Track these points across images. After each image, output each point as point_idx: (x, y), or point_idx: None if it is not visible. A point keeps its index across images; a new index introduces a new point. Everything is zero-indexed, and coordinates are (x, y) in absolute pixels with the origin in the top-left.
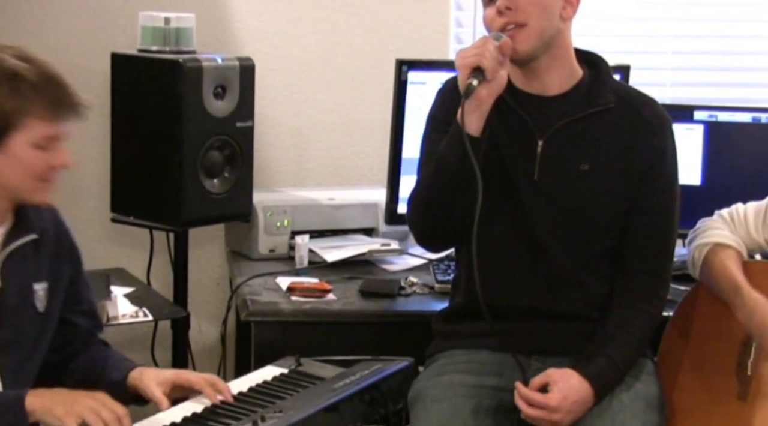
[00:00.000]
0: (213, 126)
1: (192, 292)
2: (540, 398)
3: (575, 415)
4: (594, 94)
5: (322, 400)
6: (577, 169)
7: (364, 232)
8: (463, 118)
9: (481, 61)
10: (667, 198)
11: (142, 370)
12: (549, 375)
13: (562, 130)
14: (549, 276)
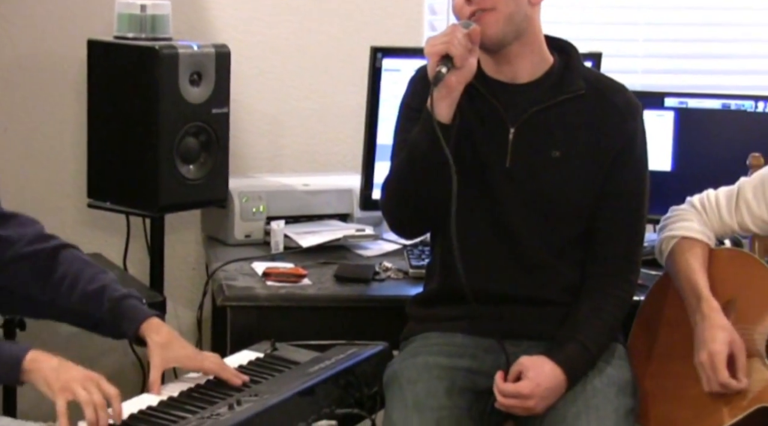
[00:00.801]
0: (189, 112)
1: (168, 277)
2: (512, 388)
3: (549, 402)
4: (565, 81)
5: (298, 384)
6: (549, 156)
7: (339, 217)
8: (432, 106)
9: (450, 48)
10: (637, 183)
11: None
12: (521, 363)
13: (534, 118)
14: (521, 261)
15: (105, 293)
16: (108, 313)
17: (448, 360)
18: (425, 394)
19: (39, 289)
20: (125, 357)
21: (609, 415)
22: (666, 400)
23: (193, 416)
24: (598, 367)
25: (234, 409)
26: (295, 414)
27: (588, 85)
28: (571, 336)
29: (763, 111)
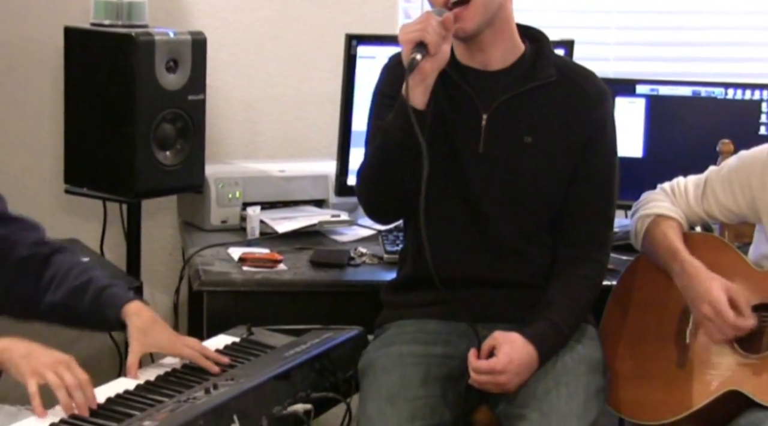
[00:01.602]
0: (165, 99)
1: (145, 262)
2: (486, 364)
3: (521, 378)
4: (536, 69)
5: (273, 368)
6: (521, 142)
7: (314, 203)
8: (407, 92)
9: (424, 35)
10: (606, 168)
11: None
12: (495, 337)
13: (506, 104)
14: (493, 246)
15: (90, 284)
16: (91, 302)
17: (423, 348)
18: (399, 384)
19: (32, 290)
20: (102, 342)
21: (579, 391)
22: (637, 382)
23: (170, 400)
24: (569, 345)
25: (210, 393)
26: (271, 398)
27: (559, 73)
28: (542, 315)
29: (732, 98)
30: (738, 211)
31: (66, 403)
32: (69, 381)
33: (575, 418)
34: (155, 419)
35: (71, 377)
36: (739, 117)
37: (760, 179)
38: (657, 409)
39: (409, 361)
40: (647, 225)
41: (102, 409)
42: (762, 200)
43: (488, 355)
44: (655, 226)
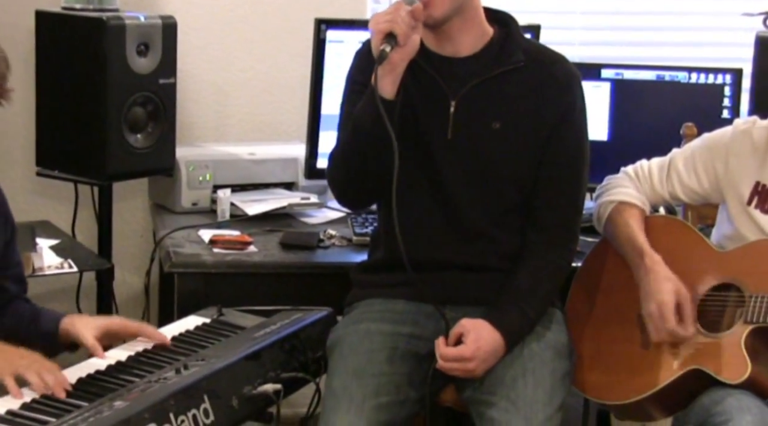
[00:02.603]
0: (136, 83)
1: (116, 244)
2: (454, 351)
3: (488, 364)
4: (504, 54)
5: (244, 349)
6: (489, 128)
7: (284, 186)
8: (376, 83)
9: (394, 26)
10: (576, 153)
11: (74, 317)
12: (462, 325)
13: (474, 90)
14: (462, 231)
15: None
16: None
17: (390, 326)
18: (366, 360)
19: None
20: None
21: (546, 377)
22: (602, 363)
23: (141, 380)
24: (536, 331)
25: (181, 373)
26: (241, 378)
27: (527, 57)
28: (510, 301)
29: (696, 82)
30: (702, 192)
31: (38, 383)
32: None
33: (542, 404)
34: (126, 399)
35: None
36: (702, 101)
37: (724, 159)
38: (621, 389)
39: (377, 339)
40: (609, 211)
41: (74, 389)
42: (725, 180)
43: (456, 341)
44: (617, 213)
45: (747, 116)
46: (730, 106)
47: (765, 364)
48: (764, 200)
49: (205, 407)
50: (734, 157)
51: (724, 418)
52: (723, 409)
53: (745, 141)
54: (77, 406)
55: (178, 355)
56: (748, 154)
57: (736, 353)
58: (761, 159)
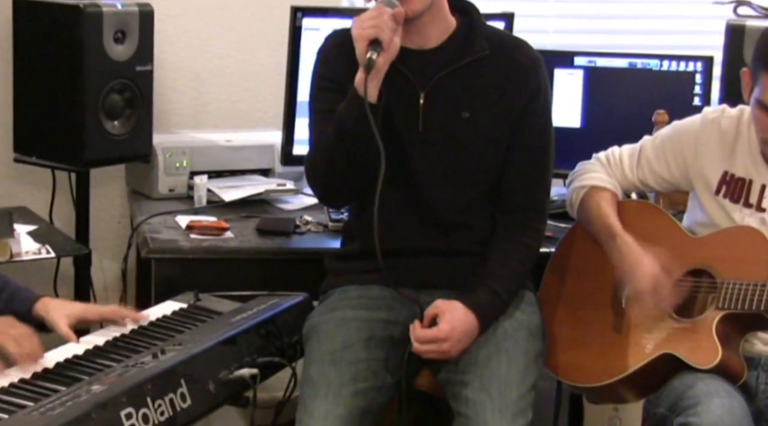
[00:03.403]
0: (113, 70)
1: (93, 230)
2: (429, 333)
3: (462, 345)
4: (469, 43)
5: (220, 334)
6: (459, 118)
7: (260, 172)
8: (366, 91)
9: (379, 33)
10: (542, 136)
11: (48, 302)
12: (437, 306)
13: (442, 82)
14: (436, 219)
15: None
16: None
17: (366, 312)
18: (342, 347)
19: None
20: None
21: (519, 357)
22: (574, 346)
23: (118, 364)
24: (509, 312)
25: (158, 358)
26: (218, 362)
27: (491, 44)
28: (482, 283)
29: (667, 70)
30: (671, 180)
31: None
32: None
33: (515, 383)
34: (104, 383)
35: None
36: (674, 88)
37: (693, 148)
38: (594, 372)
39: (353, 325)
40: (582, 196)
41: (51, 373)
42: (694, 169)
43: (430, 323)
44: (590, 197)
45: (717, 103)
46: (701, 93)
47: (735, 349)
48: (732, 190)
49: (182, 391)
50: (703, 147)
51: (693, 401)
52: (693, 393)
53: (714, 130)
54: (55, 390)
55: (156, 340)
56: (716, 144)
57: (708, 339)
58: (729, 149)
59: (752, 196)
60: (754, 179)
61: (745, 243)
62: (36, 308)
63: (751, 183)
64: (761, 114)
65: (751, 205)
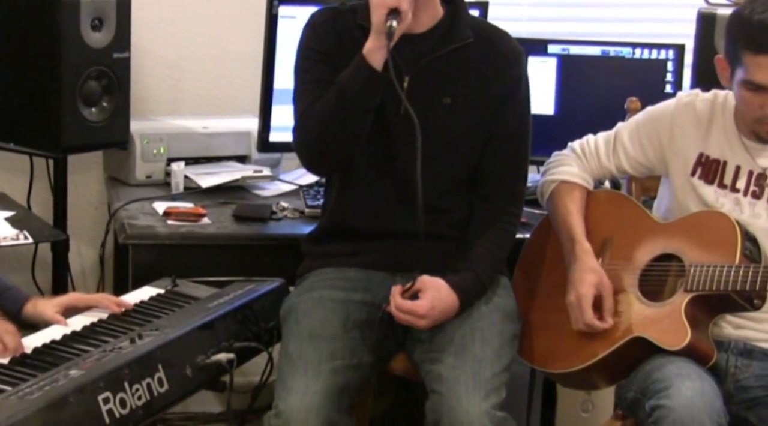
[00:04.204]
0: (91, 57)
1: (71, 216)
2: (410, 305)
3: (438, 322)
4: (454, 31)
5: (197, 319)
6: (441, 103)
7: (237, 159)
8: (389, 57)
9: (401, 2)
10: (521, 125)
11: (37, 300)
12: (422, 281)
13: (427, 66)
14: (411, 202)
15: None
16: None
17: (343, 293)
18: (320, 326)
19: None
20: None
21: (493, 337)
22: (547, 333)
23: (96, 349)
24: (486, 295)
25: (135, 343)
26: (195, 347)
27: (475, 34)
28: (466, 266)
29: (640, 57)
30: (647, 164)
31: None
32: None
33: (489, 362)
34: (82, 368)
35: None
36: (646, 76)
37: (669, 131)
38: (566, 358)
39: (330, 306)
40: (552, 190)
41: (29, 358)
42: (670, 151)
43: (412, 296)
44: (558, 194)
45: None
46: (672, 80)
47: (705, 332)
48: (707, 171)
49: (159, 376)
50: (678, 129)
51: (664, 384)
52: (664, 376)
53: (689, 113)
54: (33, 375)
55: (133, 325)
56: (692, 126)
57: (677, 321)
58: (704, 130)
59: (726, 177)
60: (729, 160)
61: (712, 227)
62: (26, 308)
63: (726, 164)
64: (749, 94)
65: (725, 186)
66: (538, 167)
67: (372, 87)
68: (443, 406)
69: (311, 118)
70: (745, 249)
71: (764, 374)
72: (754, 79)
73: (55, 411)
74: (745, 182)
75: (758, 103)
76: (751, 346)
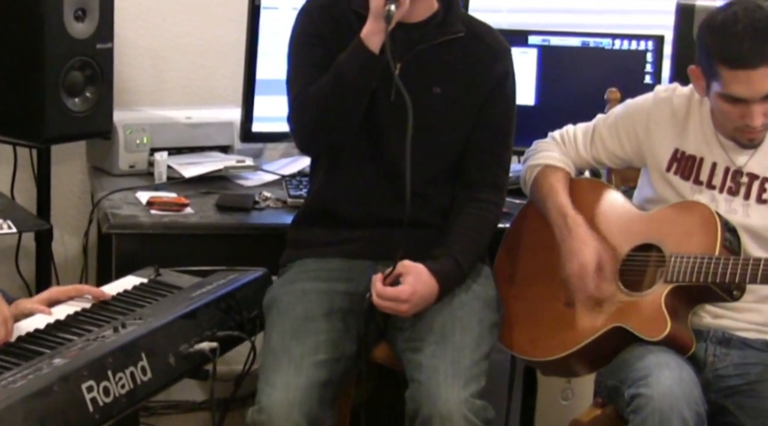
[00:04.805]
0: (74, 47)
1: (55, 205)
2: (391, 292)
3: (419, 309)
4: (447, 23)
5: (180, 308)
6: (430, 92)
7: (220, 149)
8: (387, 43)
9: None
10: (506, 118)
11: (17, 301)
12: (404, 265)
13: (419, 55)
14: (398, 189)
15: None
16: None
17: (325, 284)
18: (303, 319)
19: None
20: (12, 281)
21: (473, 325)
22: (528, 321)
23: (80, 338)
24: (466, 283)
25: (119, 332)
26: (178, 336)
27: (466, 28)
28: (446, 253)
29: (619, 48)
30: (624, 157)
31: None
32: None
33: (469, 350)
34: (66, 357)
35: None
36: (626, 66)
37: (645, 125)
38: (546, 346)
39: (312, 298)
40: (536, 174)
41: (13, 347)
42: (646, 146)
43: (393, 281)
44: (543, 176)
45: (668, 82)
46: (652, 71)
47: (684, 322)
48: (683, 167)
49: (142, 365)
50: (654, 124)
51: (644, 373)
52: (643, 365)
53: (665, 108)
54: (17, 364)
55: (117, 314)
56: (668, 121)
57: (657, 311)
58: (681, 126)
59: (703, 174)
60: (705, 157)
61: (693, 217)
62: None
63: (702, 160)
64: (728, 106)
65: (701, 182)
66: (519, 157)
67: (369, 70)
68: (423, 395)
69: (307, 100)
70: (725, 241)
71: (742, 363)
72: (732, 94)
73: (39, 399)
74: (721, 179)
75: (737, 114)
76: (729, 335)
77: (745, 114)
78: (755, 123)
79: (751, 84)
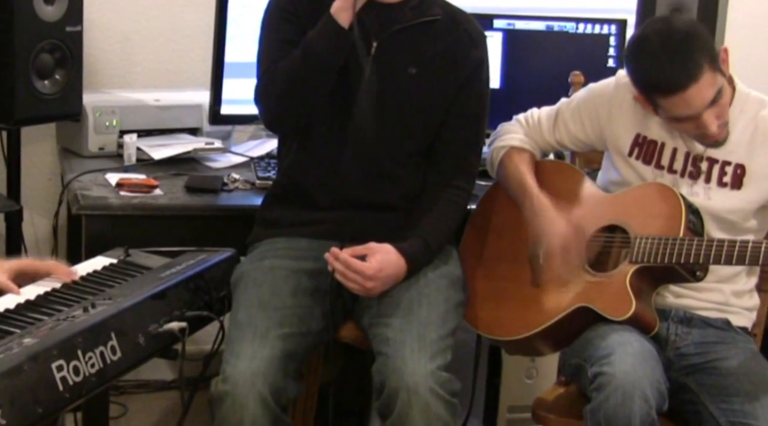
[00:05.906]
0: (44, 30)
1: (25, 187)
2: (358, 265)
3: (386, 287)
4: (425, 6)
5: (150, 288)
6: (405, 72)
7: (189, 131)
8: (354, 19)
9: None
10: (480, 104)
11: None
12: (369, 246)
13: (396, 35)
14: (369, 169)
15: None
16: None
17: (293, 262)
18: (270, 294)
19: None
20: None
21: (440, 302)
22: (494, 300)
23: (49, 318)
24: (434, 263)
25: (88, 312)
26: (148, 316)
27: (444, 12)
28: (415, 233)
29: (583, 32)
30: (587, 140)
31: None
32: None
33: (434, 325)
34: (35, 336)
35: None
36: (590, 50)
37: (607, 110)
38: (512, 325)
39: (280, 274)
40: (501, 156)
41: None
42: (608, 131)
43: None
44: (509, 158)
45: None
46: (615, 55)
47: (648, 302)
48: (645, 152)
49: (112, 344)
50: (616, 109)
51: (607, 351)
52: (607, 344)
53: (627, 93)
54: None
55: (86, 295)
56: (630, 106)
57: (622, 292)
58: (642, 112)
59: (664, 159)
60: (666, 142)
61: (657, 199)
62: None
63: (663, 145)
64: (679, 124)
65: (662, 167)
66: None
67: (338, 46)
68: (389, 368)
69: (276, 75)
70: (689, 222)
71: (703, 341)
72: (677, 115)
73: (9, 378)
74: (682, 164)
75: (692, 126)
76: (690, 314)
77: (699, 125)
78: (711, 130)
79: (690, 102)
